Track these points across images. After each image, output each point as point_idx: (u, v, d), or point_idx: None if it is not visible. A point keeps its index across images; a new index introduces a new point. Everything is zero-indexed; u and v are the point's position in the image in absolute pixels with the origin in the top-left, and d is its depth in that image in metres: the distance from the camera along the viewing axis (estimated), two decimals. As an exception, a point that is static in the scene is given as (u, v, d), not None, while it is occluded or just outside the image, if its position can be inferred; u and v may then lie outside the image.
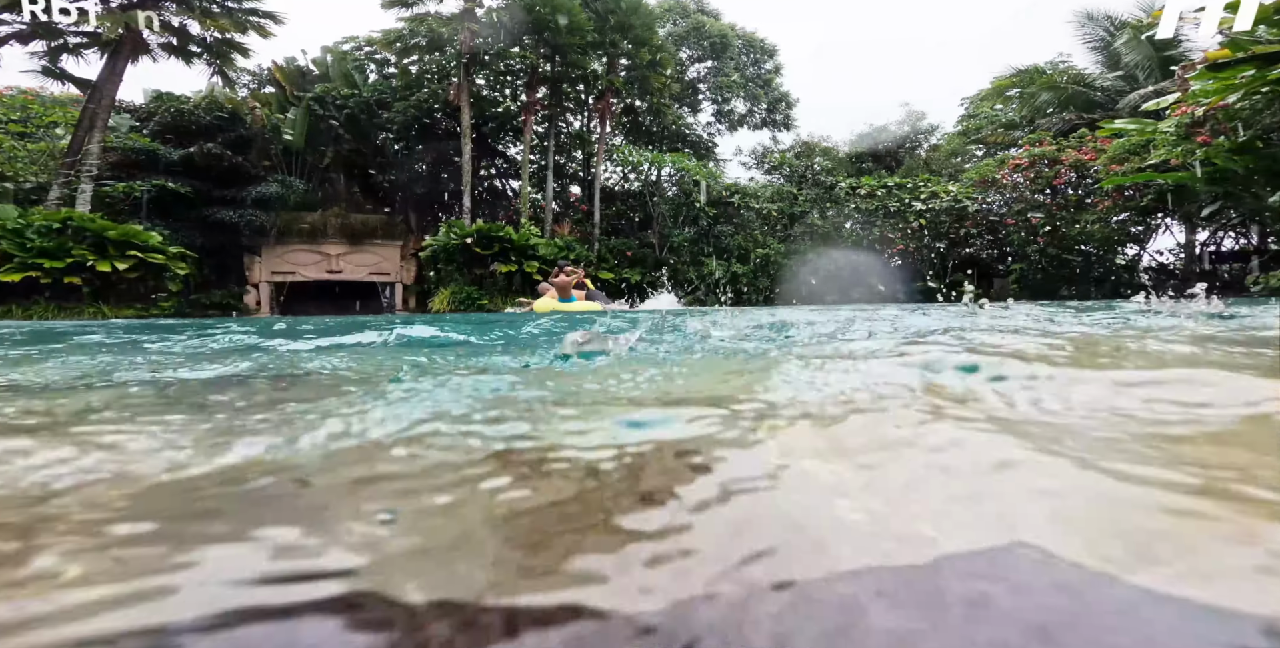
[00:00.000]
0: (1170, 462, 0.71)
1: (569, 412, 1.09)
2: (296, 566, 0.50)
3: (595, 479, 0.71)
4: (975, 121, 20.61)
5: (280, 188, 16.15)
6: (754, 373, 1.52)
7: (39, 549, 0.54)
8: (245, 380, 1.73)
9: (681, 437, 0.90)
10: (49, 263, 11.00)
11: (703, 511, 0.60)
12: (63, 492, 0.71)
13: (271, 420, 1.09)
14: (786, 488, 0.67)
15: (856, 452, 0.78)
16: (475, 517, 0.61)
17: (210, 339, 3.21)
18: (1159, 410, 0.94)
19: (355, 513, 0.62)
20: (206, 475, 0.76)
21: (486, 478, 0.73)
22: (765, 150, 21.18)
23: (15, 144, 15.46)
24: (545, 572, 0.47)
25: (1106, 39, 16.29)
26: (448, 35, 16.38)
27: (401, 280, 17.33)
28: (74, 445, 0.92)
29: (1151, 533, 0.52)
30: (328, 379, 1.70)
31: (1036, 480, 0.67)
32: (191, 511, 0.65)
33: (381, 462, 0.81)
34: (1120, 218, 14.28)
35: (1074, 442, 0.79)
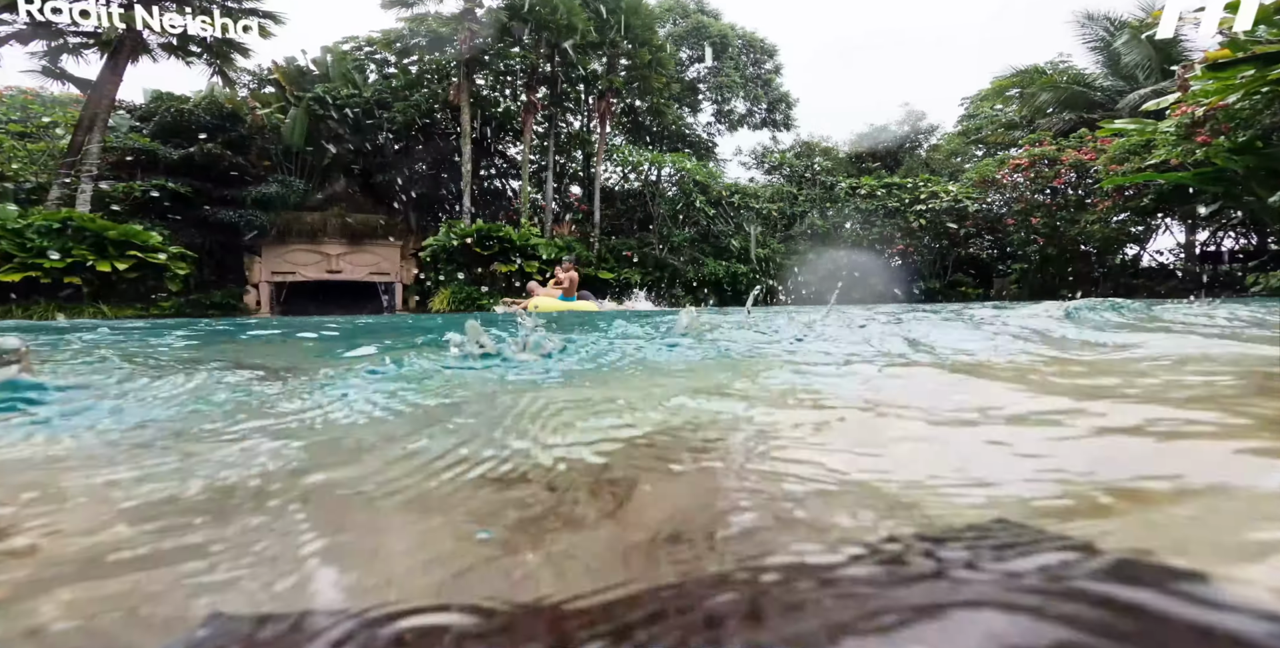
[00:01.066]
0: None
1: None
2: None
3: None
4: (975, 121, 20.62)
5: (280, 188, 16.13)
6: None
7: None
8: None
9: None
10: (49, 263, 10.99)
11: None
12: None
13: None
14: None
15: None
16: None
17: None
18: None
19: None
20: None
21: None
22: (765, 150, 21.18)
23: (15, 144, 15.45)
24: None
25: (1106, 39, 16.28)
26: (448, 35, 16.37)
27: (401, 280, 17.32)
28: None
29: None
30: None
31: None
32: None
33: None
34: (1120, 218, 14.28)
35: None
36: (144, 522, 0.66)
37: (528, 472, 0.80)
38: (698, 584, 0.46)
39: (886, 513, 0.61)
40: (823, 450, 0.87)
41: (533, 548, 0.56)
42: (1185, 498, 0.62)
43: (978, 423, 1.01)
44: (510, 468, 0.83)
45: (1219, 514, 0.58)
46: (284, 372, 1.77)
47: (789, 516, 0.62)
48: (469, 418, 1.14)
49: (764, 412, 1.14)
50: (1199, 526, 0.55)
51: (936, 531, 0.55)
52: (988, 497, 0.65)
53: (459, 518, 0.66)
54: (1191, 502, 0.61)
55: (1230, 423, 0.93)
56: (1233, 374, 1.37)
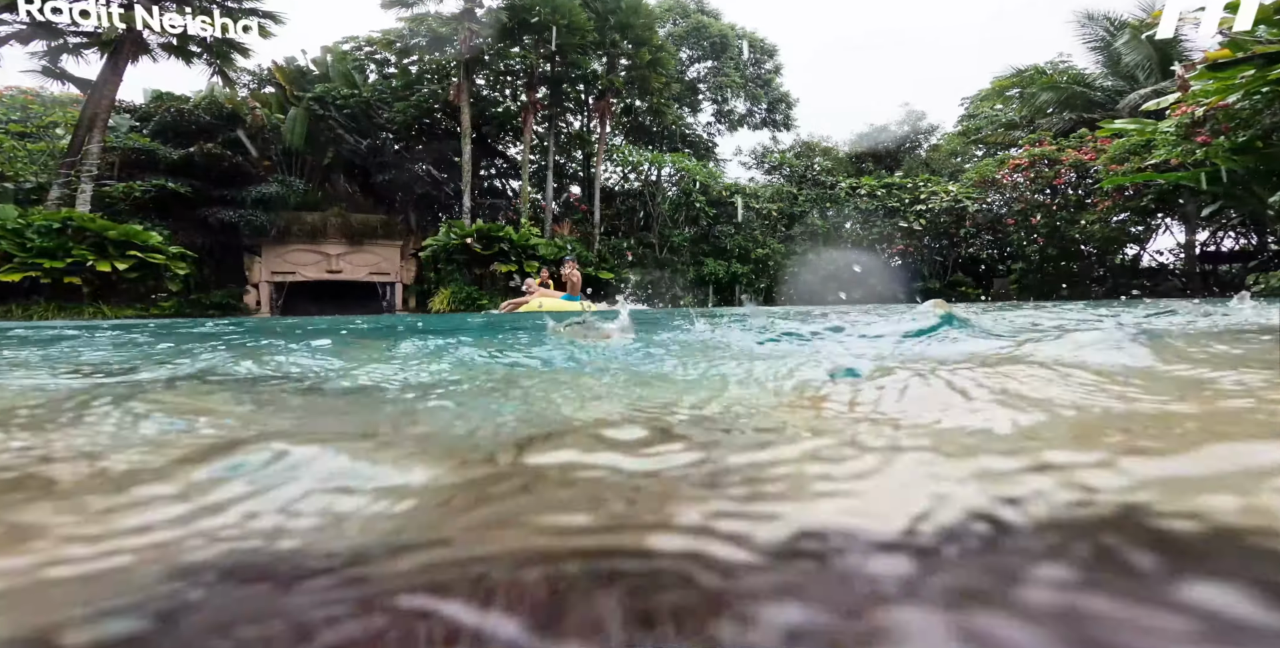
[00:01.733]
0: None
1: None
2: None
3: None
4: (975, 121, 20.62)
5: (280, 188, 16.14)
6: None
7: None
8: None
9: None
10: (49, 263, 11.00)
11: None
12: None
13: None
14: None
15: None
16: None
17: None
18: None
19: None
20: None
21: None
22: (765, 150, 21.18)
23: (15, 144, 15.45)
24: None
25: (1106, 39, 16.28)
26: (448, 35, 16.37)
27: (401, 280, 17.32)
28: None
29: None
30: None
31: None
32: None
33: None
34: (1120, 218, 14.28)
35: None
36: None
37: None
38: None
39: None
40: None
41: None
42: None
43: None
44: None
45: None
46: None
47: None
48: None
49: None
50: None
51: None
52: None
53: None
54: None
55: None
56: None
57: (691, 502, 0.56)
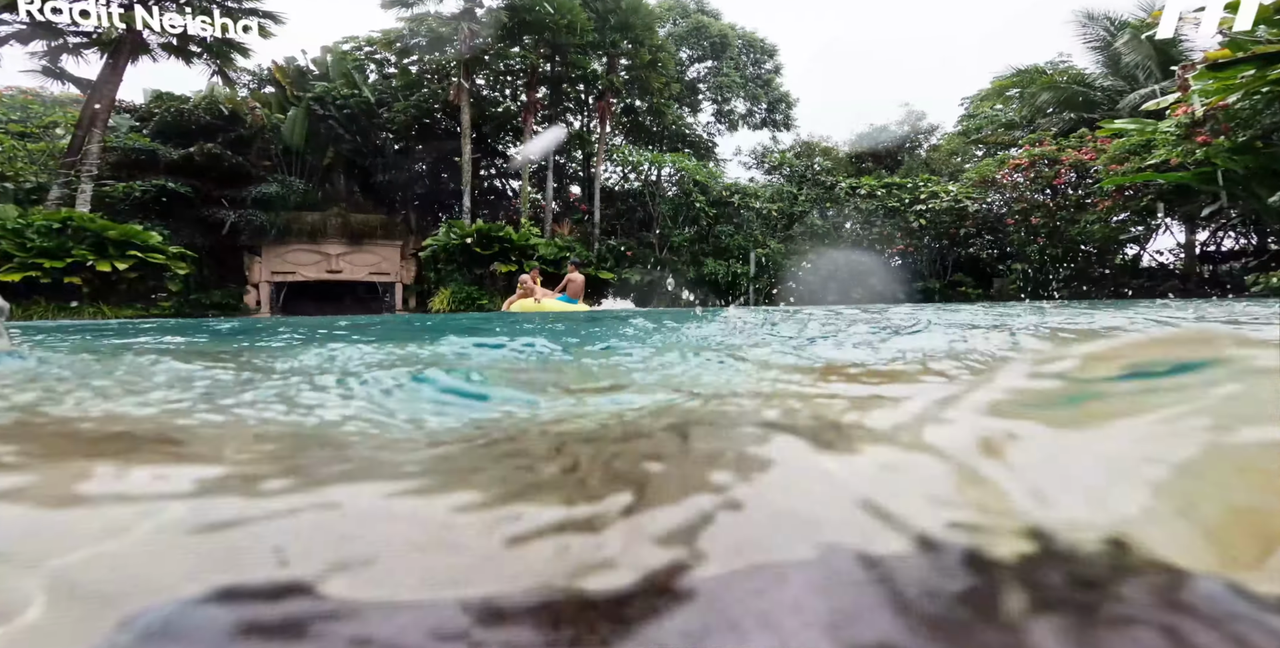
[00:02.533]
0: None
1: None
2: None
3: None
4: (975, 121, 20.61)
5: (280, 188, 16.14)
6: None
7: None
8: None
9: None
10: (49, 263, 10.99)
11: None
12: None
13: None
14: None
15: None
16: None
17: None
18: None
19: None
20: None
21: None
22: (765, 150, 21.16)
23: (15, 144, 15.45)
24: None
25: (1107, 39, 16.26)
26: (448, 35, 16.37)
27: (401, 280, 17.32)
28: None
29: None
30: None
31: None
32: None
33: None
34: (1120, 218, 14.27)
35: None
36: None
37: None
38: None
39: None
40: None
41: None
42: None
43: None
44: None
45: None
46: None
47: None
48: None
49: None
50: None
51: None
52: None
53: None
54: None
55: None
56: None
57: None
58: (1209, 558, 0.42)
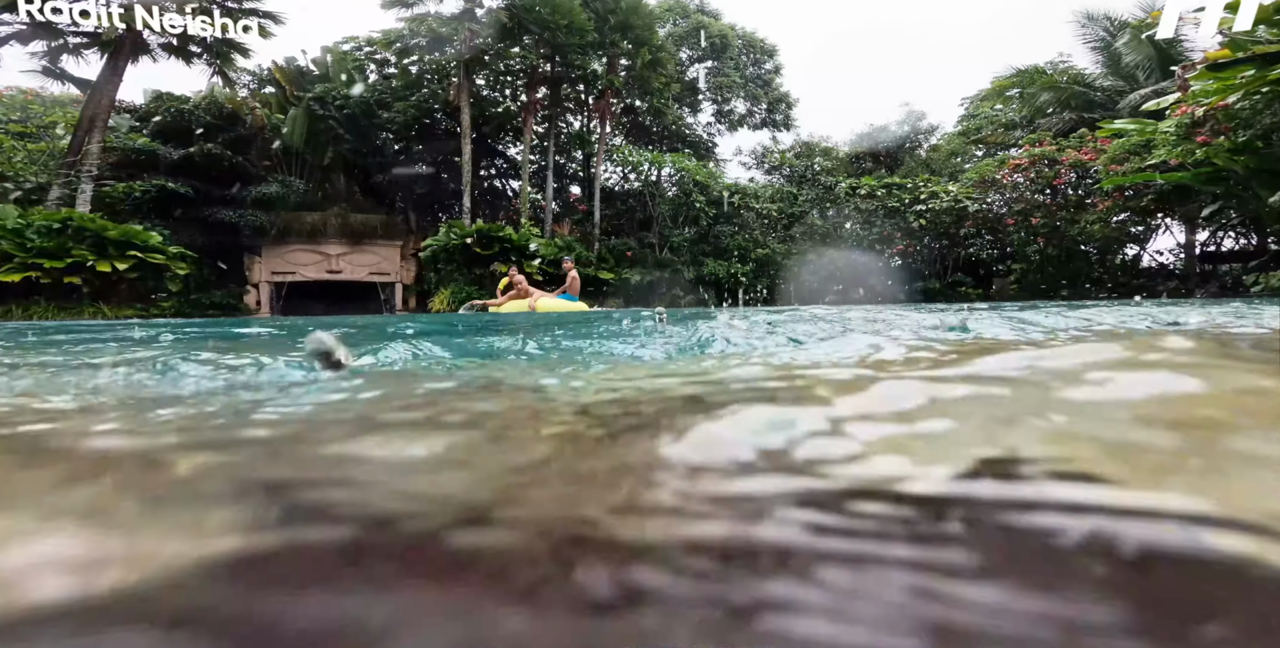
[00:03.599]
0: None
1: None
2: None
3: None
4: (975, 122, 20.61)
5: (280, 188, 16.13)
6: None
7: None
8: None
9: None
10: (49, 263, 10.99)
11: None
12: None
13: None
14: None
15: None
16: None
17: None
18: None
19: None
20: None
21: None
22: (765, 150, 21.17)
23: (15, 144, 15.45)
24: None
25: (1106, 39, 16.27)
26: (448, 35, 16.37)
27: (401, 280, 17.32)
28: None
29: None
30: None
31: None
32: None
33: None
34: (1120, 218, 14.27)
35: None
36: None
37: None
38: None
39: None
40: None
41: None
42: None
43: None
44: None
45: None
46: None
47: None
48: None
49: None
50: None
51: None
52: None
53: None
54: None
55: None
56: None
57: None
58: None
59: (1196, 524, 0.40)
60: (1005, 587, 0.33)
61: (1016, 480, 0.50)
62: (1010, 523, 0.42)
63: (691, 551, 0.39)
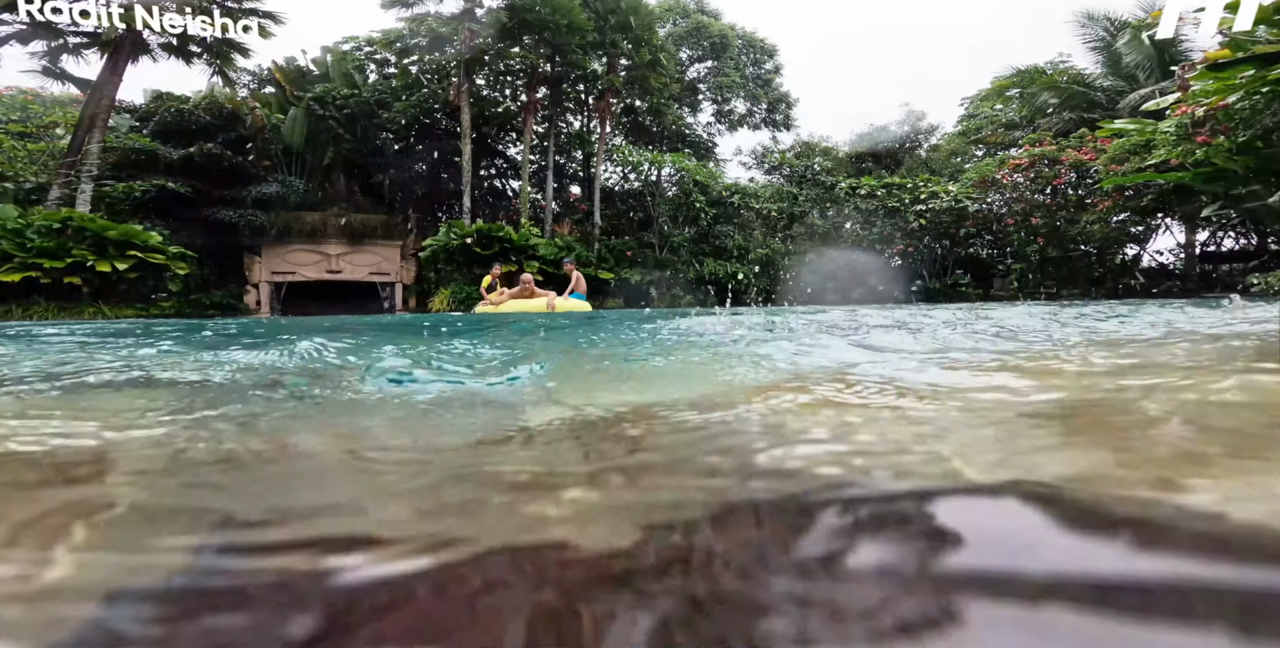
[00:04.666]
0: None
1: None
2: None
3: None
4: (975, 121, 20.61)
5: (280, 188, 16.13)
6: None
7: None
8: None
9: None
10: (49, 263, 10.98)
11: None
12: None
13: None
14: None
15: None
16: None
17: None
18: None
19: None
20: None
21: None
22: (765, 150, 21.16)
23: (15, 144, 15.43)
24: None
25: (1107, 39, 16.27)
26: (448, 35, 16.36)
27: (402, 280, 17.31)
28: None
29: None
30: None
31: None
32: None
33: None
34: (1120, 218, 14.27)
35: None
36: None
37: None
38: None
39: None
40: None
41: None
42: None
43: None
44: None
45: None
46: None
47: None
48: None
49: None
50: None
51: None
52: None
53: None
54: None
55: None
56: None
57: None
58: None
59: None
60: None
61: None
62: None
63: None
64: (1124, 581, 0.40)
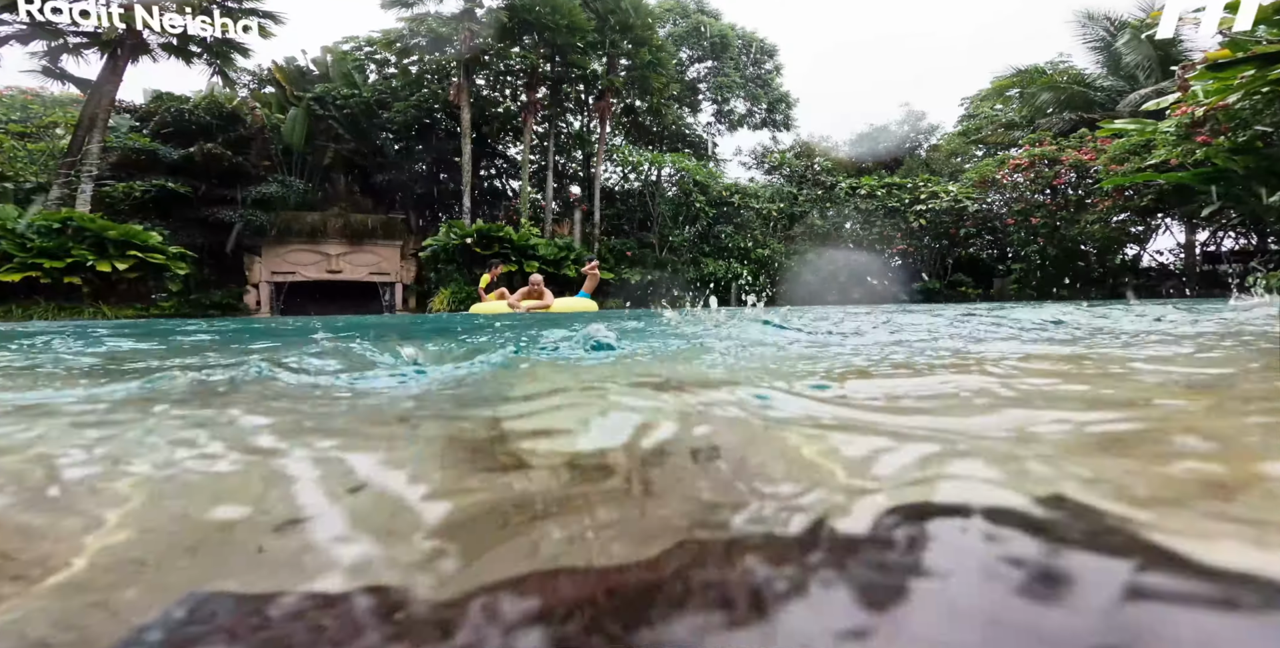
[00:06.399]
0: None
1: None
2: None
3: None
4: (975, 122, 20.60)
5: (280, 188, 16.13)
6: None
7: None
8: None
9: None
10: (49, 263, 10.98)
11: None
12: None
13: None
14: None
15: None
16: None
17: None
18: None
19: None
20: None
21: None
22: (765, 150, 21.17)
23: (15, 144, 15.43)
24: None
25: (1107, 39, 16.26)
26: (448, 35, 16.36)
27: (401, 280, 17.31)
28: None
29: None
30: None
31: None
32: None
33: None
34: (1120, 218, 14.26)
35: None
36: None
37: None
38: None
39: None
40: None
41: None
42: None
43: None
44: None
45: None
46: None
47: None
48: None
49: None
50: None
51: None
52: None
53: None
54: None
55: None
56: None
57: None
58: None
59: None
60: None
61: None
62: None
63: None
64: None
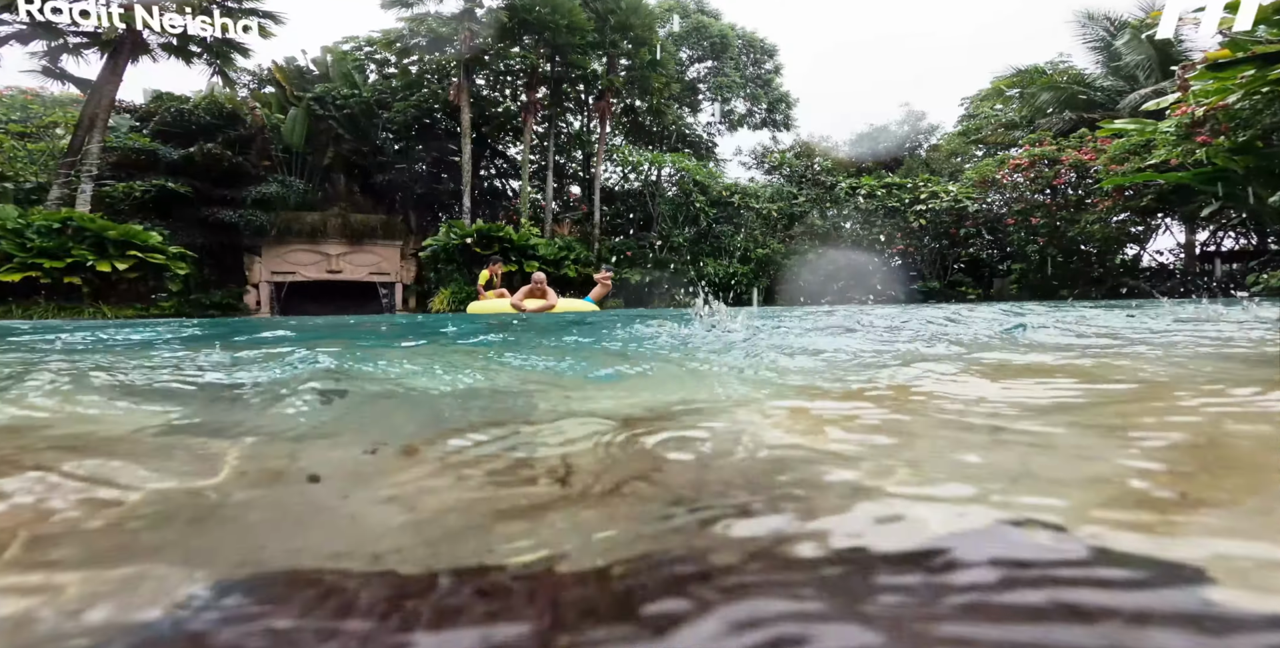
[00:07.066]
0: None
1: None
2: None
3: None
4: (975, 121, 20.59)
5: (280, 188, 16.12)
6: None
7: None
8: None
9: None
10: (49, 263, 10.99)
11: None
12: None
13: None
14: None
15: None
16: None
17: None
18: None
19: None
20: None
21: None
22: (765, 150, 21.15)
23: (15, 144, 15.43)
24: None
25: (1107, 39, 16.26)
26: (448, 35, 16.36)
27: (401, 280, 17.32)
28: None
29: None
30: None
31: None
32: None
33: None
34: (1120, 218, 14.25)
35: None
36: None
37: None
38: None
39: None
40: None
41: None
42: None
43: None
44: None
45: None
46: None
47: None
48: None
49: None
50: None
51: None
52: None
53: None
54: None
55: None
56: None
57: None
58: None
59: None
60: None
61: None
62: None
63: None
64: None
